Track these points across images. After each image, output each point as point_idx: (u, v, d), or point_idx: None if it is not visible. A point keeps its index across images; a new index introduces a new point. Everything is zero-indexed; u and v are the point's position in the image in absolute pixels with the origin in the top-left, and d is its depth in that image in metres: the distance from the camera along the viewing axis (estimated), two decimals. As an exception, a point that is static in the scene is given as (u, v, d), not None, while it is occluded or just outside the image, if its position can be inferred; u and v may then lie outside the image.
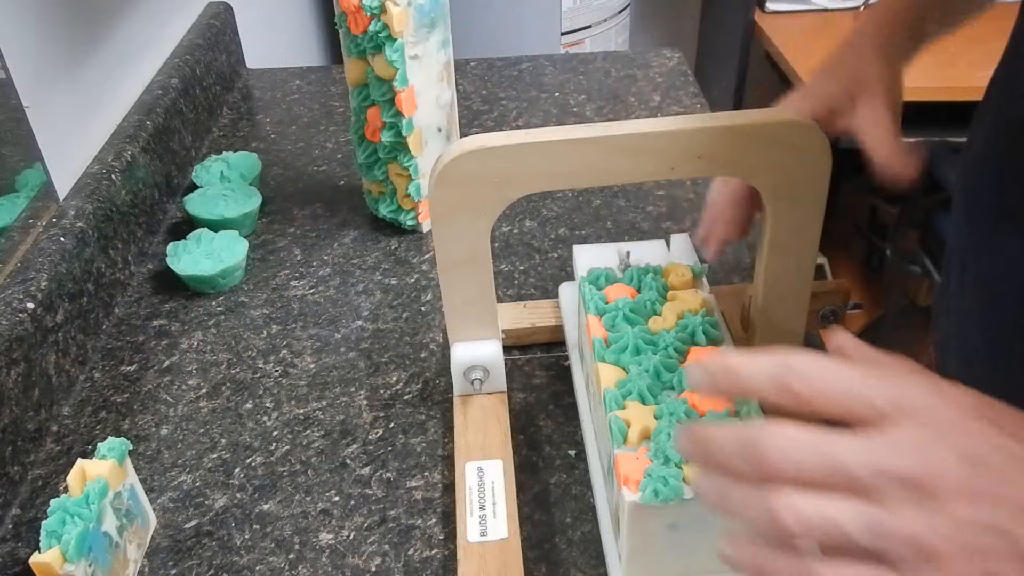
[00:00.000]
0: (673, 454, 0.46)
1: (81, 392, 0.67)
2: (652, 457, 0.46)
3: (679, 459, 0.46)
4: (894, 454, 0.29)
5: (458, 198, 0.52)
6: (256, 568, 0.54)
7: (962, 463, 0.29)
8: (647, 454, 0.47)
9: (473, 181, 0.51)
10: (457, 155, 0.50)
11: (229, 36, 1.12)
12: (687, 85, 1.09)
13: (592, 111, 1.03)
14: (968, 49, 1.63)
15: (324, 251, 0.81)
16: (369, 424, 0.63)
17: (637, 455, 0.47)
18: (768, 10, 1.81)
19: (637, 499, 0.45)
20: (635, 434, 0.48)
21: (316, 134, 1.01)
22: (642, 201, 0.87)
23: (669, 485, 0.44)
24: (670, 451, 0.46)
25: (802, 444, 0.30)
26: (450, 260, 0.55)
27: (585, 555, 0.53)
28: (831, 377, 0.31)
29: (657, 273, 0.59)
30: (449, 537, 0.55)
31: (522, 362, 0.68)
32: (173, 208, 0.88)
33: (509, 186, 0.52)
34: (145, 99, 0.88)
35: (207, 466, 0.61)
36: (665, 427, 0.47)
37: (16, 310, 0.61)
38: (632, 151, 0.50)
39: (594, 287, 0.58)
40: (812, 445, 0.30)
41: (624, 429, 0.48)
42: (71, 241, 0.68)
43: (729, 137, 0.50)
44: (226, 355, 0.70)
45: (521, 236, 0.82)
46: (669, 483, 0.44)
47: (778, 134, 0.50)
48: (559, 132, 0.51)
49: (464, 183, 0.51)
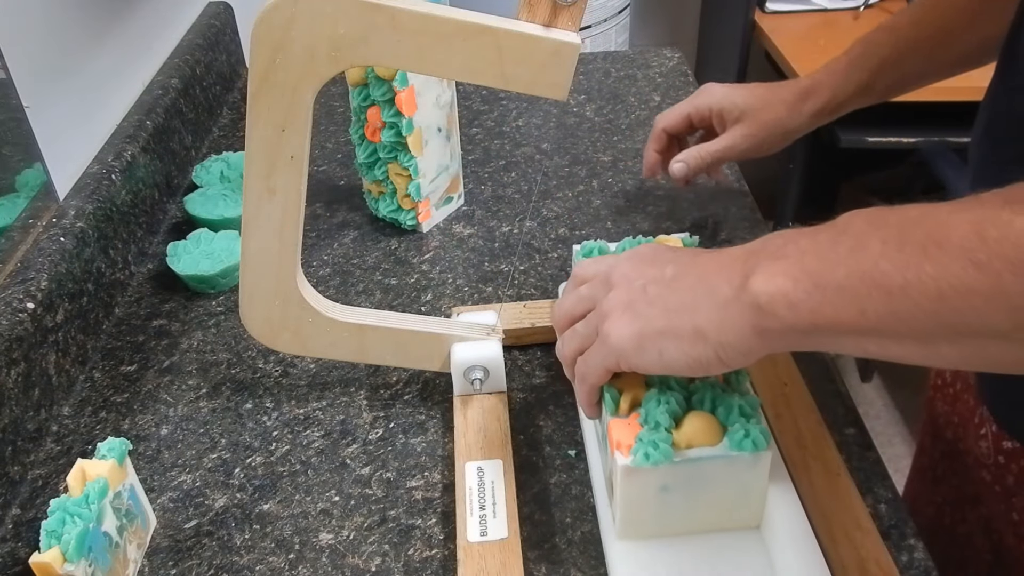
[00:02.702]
0: (663, 419, 0.48)
1: (81, 392, 0.67)
2: (643, 423, 0.49)
3: (669, 424, 0.48)
4: (594, 269, 0.52)
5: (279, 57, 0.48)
6: (256, 568, 0.54)
7: (630, 261, 0.50)
8: (638, 420, 0.49)
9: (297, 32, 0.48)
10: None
11: (229, 36, 1.12)
12: (687, 85, 1.09)
13: (592, 111, 1.03)
14: (968, 49, 1.63)
15: (324, 251, 0.81)
16: (369, 424, 0.63)
17: (629, 421, 0.49)
18: (768, 10, 1.81)
19: (629, 462, 0.47)
20: (626, 403, 0.50)
21: (316, 134, 1.01)
22: (642, 201, 0.87)
23: (659, 448, 0.47)
24: (660, 417, 0.48)
25: (563, 304, 0.53)
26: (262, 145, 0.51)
27: (585, 555, 0.53)
28: (558, 306, 0.53)
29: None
30: (449, 537, 0.55)
31: (522, 362, 0.68)
32: (173, 208, 0.88)
33: (339, 50, 0.49)
34: (145, 99, 0.88)
35: (207, 466, 0.61)
36: (655, 395, 0.49)
37: (16, 310, 0.61)
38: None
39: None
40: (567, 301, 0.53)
41: (616, 397, 0.50)
42: (71, 241, 0.68)
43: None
44: (226, 355, 0.70)
45: (521, 236, 0.82)
46: (659, 447, 0.47)
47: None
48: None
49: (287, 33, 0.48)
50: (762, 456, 0.48)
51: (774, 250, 0.41)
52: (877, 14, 1.79)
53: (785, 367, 0.62)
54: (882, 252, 0.37)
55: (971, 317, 0.34)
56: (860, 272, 0.37)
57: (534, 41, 0.48)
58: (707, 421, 0.49)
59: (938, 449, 0.74)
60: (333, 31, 0.48)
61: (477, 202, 0.88)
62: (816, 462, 0.55)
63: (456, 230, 0.84)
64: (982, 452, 0.66)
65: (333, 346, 0.61)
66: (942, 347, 0.37)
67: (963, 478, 0.70)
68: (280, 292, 0.58)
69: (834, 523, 0.51)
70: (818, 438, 0.57)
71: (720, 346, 0.43)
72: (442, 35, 0.48)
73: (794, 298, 0.39)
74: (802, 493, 0.52)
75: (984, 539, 0.68)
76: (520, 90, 0.50)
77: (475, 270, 0.78)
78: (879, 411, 1.92)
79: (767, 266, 0.41)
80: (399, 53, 0.49)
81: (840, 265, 0.38)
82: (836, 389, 0.64)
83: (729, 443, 0.48)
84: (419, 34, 0.48)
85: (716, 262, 0.45)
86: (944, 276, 0.34)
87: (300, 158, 0.52)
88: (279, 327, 0.60)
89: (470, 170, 0.92)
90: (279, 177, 0.53)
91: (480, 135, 1.00)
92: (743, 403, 0.49)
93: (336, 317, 0.60)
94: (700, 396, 0.50)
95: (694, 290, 0.44)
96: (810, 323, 0.39)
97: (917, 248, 0.35)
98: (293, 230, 0.55)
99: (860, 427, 0.61)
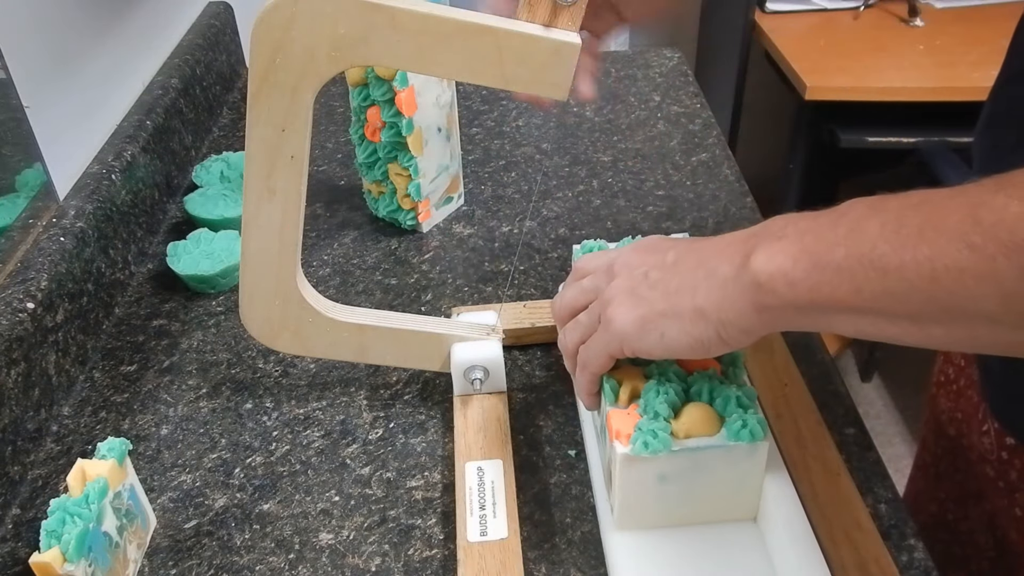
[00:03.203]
0: (662, 409, 0.48)
1: (81, 392, 0.67)
2: (642, 412, 0.49)
3: (668, 414, 0.49)
4: (595, 263, 0.53)
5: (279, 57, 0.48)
6: (256, 568, 0.54)
7: (632, 251, 0.51)
8: (637, 410, 0.49)
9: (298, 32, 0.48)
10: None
11: (229, 36, 1.12)
12: (687, 85, 1.09)
13: (592, 111, 1.03)
14: (968, 50, 1.63)
15: (324, 251, 0.81)
16: (369, 424, 0.63)
17: (628, 411, 0.50)
18: (768, 10, 1.81)
19: (628, 451, 0.48)
20: (625, 393, 0.51)
21: (316, 134, 1.01)
22: (642, 201, 0.87)
23: (658, 438, 0.47)
24: (659, 407, 0.48)
25: (564, 296, 0.54)
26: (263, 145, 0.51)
27: (585, 555, 0.53)
28: (559, 298, 0.55)
29: None
30: (449, 537, 0.55)
31: (522, 362, 0.68)
32: (173, 208, 0.88)
33: (339, 50, 0.48)
34: (145, 99, 0.88)
35: (207, 466, 0.61)
36: (654, 385, 0.50)
37: (16, 310, 0.61)
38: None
39: None
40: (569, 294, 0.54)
41: (616, 387, 0.51)
42: (71, 241, 0.68)
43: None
44: (226, 355, 0.70)
45: (521, 236, 0.82)
46: (658, 436, 0.47)
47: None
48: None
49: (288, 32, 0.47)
50: (759, 446, 0.48)
51: (775, 230, 0.42)
52: (877, 14, 1.79)
53: (785, 367, 0.62)
54: (880, 234, 0.37)
55: (963, 299, 0.35)
56: (858, 253, 0.38)
57: (534, 41, 0.48)
58: (705, 412, 0.49)
59: (940, 446, 0.74)
60: (333, 31, 0.48)
61: (477, 202, 0.88)
62: (816, 462, 0.55)
63: (456, 230, 0.84)
64: (985, 448, 0.66)
65: (333, 346, 0.61)
66: (933, 328, 0.38)
67: (966, 474, 0.70)
68: (280, 292, 0.58)
69: (834, 523, 0.51)
70: (818, 438, 0.57)
71: (721, 324, 0.44)
72: (442, 35, 0.48)
73: (793, 276, 0.40)
74: (802, 493, 0.52)
75: (987, 535, 0.68)
76: (520, 90, 0.50)
77: (475, 270, 0.78)
78: (879, 411, 1.92)
79: (767, 246, 0.41)
80: (399, 53, 0.49)
81: (839, 245, 0.39)
82: (836, 389, 0.64)
83: (727, 433, 0.48)
84: (419, 34, 0.48)
85: (716, 245, 0.46)
86: (939, 257, 0.35)
87: (300, 158, 0.52)
88: (279, 327, 0.60)
89: (470, 170, 0.92)
90: (279, 177, 0.53)
91: (480, 135, 1.00)
92: (740, 394, 0.49)
93: (336, 317, 0.60)
94: (698, 387, 0.50)
95: (694, 272, 0.45)
96: (808, 300, 0.40)
97: (914, 231, 0.36)
98: (293, 230, 0.55)
99: (860, 427, 0.61)
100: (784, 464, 0.53)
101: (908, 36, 1.71)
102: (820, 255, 0.39)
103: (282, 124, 0.51)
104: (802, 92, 1.59)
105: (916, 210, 0.37)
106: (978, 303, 0.35)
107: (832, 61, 1.64)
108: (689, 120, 1.01)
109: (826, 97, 1.59)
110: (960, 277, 0.35)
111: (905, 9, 1.75)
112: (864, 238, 0.38)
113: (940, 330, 0.37)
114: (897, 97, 1.58)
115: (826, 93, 1.59)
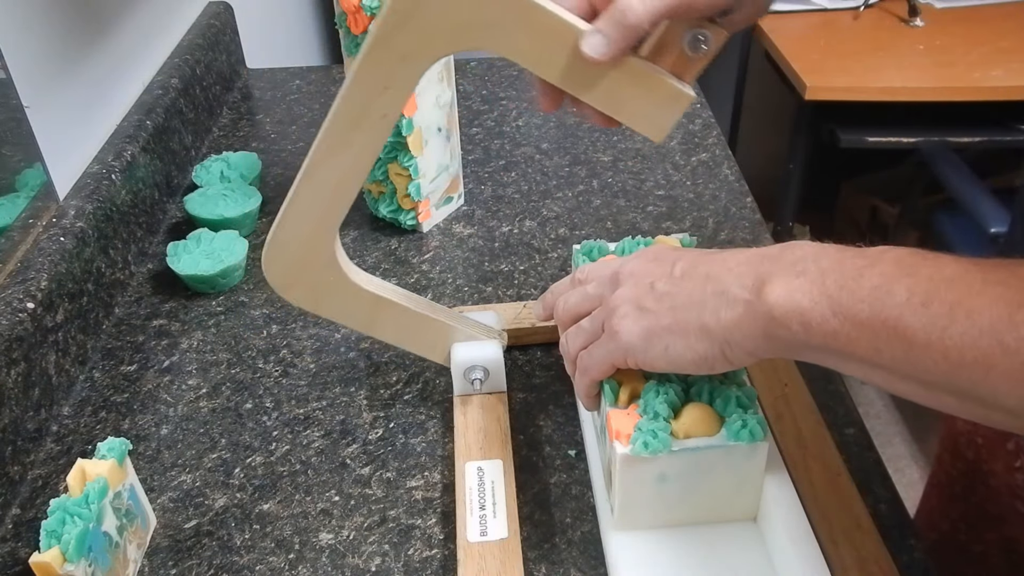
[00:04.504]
0: (662, 409, 0.48)
1: (81, 392, 0.67)
2: (642, 413, 0.49)
3: (667, 415, 0.49)
4: (599, 271, 0.53)
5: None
6: (256, 568, 0.54)
7: (637, 259, 0.50)
8: (637, 410, 0.49)
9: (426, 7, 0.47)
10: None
11: (229, 36, 1.12)
12: (687, 85, 1.09)
13: (592, 111, 1.03)
14: (968, 50, 1.63)
15: (324, 251, 0.81)
16: (369, 424, 0.63)
17: (628, 411, 0.50)
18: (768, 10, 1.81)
19: (628, 451, 0.48)
20: (625, 394, 0.51)
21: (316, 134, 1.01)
22: (642, 201, 0.87)
23: (658, 438, 0.47)
24: (659, 407, 0.48)
25: (568, 301, 0.54)
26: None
27: (585, 555, 0.53)
28: (563, 302, 0.54)
29: (648, 245, 0.59)
30: (449, 537, 0.55)
31: (522, 362, 0.68)
32: (173, 208, 0.88)
33: (465, 32, 0.48)
34: (145, 99, 0.88)
35: (207, 466, 0.61)
36: (654, 386, 0.50)
37: (16, 310, 0.61)
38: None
39: (588, 259, 0.60)
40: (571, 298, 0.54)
41: (616, 388, 0.51)
42: (71, 241, 0.68)
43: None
44: (226, 355, 0.70)
45: (521, 236, 0.82)
46: (658, 436, 0.47)
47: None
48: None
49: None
50: (759, 446, 0.48)
51: (793, 262, 0.41)
52: (877, 14, 1.79)
53: (785, 367, 0.62)
54: (907, 303, 0.36)
55: (986, 390, 0.35)
56: (882, 317, 0.37)
57: (660, 82, 0.48)
58: (705, 412, 0.49)
59: (956, 468, 0.73)
60: (465, 14, 0.47)
61: (477, 202, 0.88)
62: (816, 462, 0.55)
63: (456, 230, 0.84)
64: (1018, 484, 0.64)
65: (344, 311, 0.60)
66: (947, 398, 0.37)
67: (983, 498, 0.68)
68: (313, 245, 0.57)
69: (834, 523, 0.51)
70: (818, 438, 0.57)
71: (727, 344, 0.43)
72: (570, 45, 0.47)
73: (810, 318, 0.39)
74: (802, 493, 0.52)
75: (1002, 558, 0.67)
76: (621, 119, 0.50)
77: (475, 270, 0.78)
78: (879, 411, 1.92)
79: (785, 280, 0.41)
80: (521, 49, 0.48)
81: (863, 302, 0.38)
82: (836, 389, 0.64)
83: (727, 433, 0.48)
84: (547, 36, 0.47)
85: (726, 263, 0.45)
86: (968, 347, 0.35)
87: (390, 121, 0.52)
88: (296, 278, 0.58)
89: (470, 170, 0.92)
90: (363, 132, 0.52)
91: (480, 135, 1.00)
92: (740, 395, 0.49)
93: (360, 283, 0.59)
94: (698, 388, 0.50)
95: (703, 287, 0.45)
96: (822, 344, 0.39)
97: (945, 310, 0.35)
98: (352, 188, 0.54)
99: (860, 427, 0.61)
100: (784, 464, 0.53)
101: (908, 36, 1.71)
102: (841, 305, 0.38)
103: (387, 83, 0.50)
104: (802, 92, 1.59)
105: (949, 286, 0.36)
106: (1000, 398, 0.35)
107: (832, 61, 1.64)
108: (689, 120, 1.01)
109: (826, 97, 1.59)
110: (987, 373, 0.34)
111: (905, 9, 1.75)
112: (891, 302, 0.37)
113: (953, 401, 0.37)
114: (897, 97, 1.58)
115: (826, 93, 1.59)
